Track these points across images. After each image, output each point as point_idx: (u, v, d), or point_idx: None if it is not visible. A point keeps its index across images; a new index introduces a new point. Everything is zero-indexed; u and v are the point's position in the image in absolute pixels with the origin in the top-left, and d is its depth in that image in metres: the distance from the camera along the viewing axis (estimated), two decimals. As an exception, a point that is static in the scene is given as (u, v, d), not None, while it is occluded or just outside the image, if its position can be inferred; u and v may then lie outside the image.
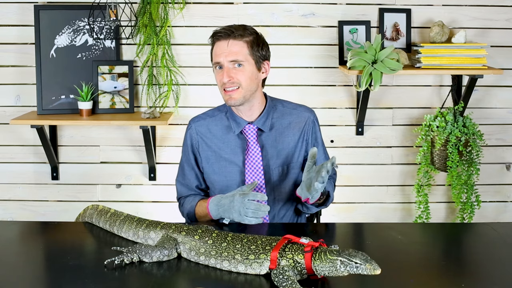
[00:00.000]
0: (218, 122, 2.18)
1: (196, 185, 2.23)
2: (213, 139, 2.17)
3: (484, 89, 3.32)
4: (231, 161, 2.15)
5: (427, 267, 1.72)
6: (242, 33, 2.06)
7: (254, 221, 1.93)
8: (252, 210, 1.92)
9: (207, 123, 2.19)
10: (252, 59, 2.07)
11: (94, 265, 1.70)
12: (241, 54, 2.05)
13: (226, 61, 2.05)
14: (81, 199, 3.34)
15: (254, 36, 2.09)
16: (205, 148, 2.18)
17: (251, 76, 2.07)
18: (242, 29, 2.07)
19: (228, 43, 2.05)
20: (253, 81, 2.08)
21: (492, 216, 3.42)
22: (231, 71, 2.05)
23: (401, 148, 3.36)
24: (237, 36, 2.05)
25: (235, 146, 2.15)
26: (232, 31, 2.05)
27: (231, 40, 2.05)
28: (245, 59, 2.05)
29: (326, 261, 1.55)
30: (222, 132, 2.17)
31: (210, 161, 2.17)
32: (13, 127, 3.28)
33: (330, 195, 2.14)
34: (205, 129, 2.19)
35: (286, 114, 2.19)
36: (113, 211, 1.96)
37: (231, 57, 2.04)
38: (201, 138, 2.19)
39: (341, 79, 3.28)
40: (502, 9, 3.26)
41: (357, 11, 3.24)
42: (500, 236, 1.95)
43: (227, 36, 2.05)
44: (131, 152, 3.33)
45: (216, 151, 2.16)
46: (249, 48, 2.05)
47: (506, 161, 3.39)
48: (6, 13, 3.21)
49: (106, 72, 3.19)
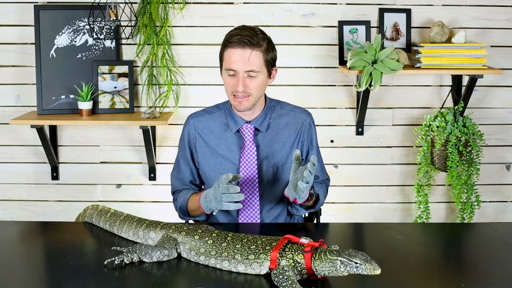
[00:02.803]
0: (216, 119, 2.19)
1: (190, 180, 2.24)
2: (210, 135, 2.18)
3: (484, 89, 3.32)
4: (227, 158, 2.16)
5: (427, 267, 1.72)
6: (259, 41, 2.04)
7: (233, 206, 1.93)
8: (226, 195, 1.91)
9: (205, 120, 2.20)
10: (265, 67, 2.07)
11: (94, 265, 1.70)
12: (258, 65, 2.04)
13: (242, 70, 2.04)
14: (81, 199, 3.34)
15: (267, 42, 2.08)
16: (202, 144, 2.19)
17: (262, 84, 2.09)
18: (258, 37, 2.05)
19: (246, 52, 2.02)
20: (263, 88, 2.11)
21: (492, 216, 3.42)
22: (246, 81, 2.05)
23: (401, 148, 3.36)
24: (256, 45, 2.03)
25: (231, 144, 2.16)
26: (251, 40, 2.02)
27: (249, 50, 2.02)
28: (260, 69, 2.05)
29: (326, 261, 1.55)
30: (220, 130, 2.18)
31: (206, 157, 2.18)
32: (13, 127, 3.28)
33: (319, 198, 2.14)
34: (203, 125, 2.19)
35: (284, 115, 2.20)
36: (113, 211, 1.96)
37: (248, 67, 2.03)
38: (198, 134, 2.19)
39: (341, 79, 3.28)
40: (502, 9, 3.26)
41: (357, 11, 3.24)
42: (500, 236, 1.95)
43: (245, 45, 2.02)
44: (131, 152, 3.33)
45: (213, 148, 2.17)
46: (264, 57, 2.05)
47: (506, 161, 3.39)
48: (6, 13, 3.21)
49: (106, 72, 3.19)
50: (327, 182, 2.29)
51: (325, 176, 2.29)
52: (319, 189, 2.16)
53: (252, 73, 2.03)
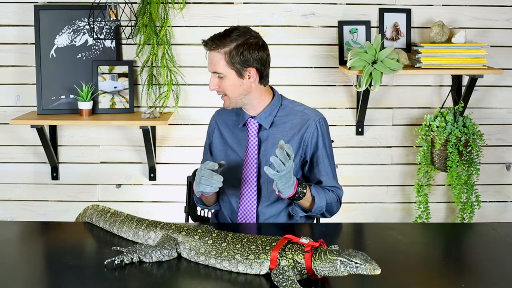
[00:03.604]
0: (234, 114, 2.27)
1: None
2: (226, 128, 2.27)
3: (484, 89, 3.32)
4: (234, 150, 2.22)
5: (427, 267, 1.72)
6: (220, 43, 2.09)
7: (209, 189, 2.02)
8: (205, 178, 2.00)
9: (225, 113, 2.29)
10: (231, 69, 2.10)
11: (94, 265, 1.70)
12: (219, 66, 2.10)
13: (210, 71, 2.14)
14: (81, 199, 3.33)
15: (236, 43, 2.09)
16: (217, 135, 2.29)
17: (233, 85, 2.12)
18: (224, 38, 2.09)
19: (211, 53, 2.11)
20: (238, 88, 2.12)
21: (492, 216, 3.42)
22: (216, 81, 2.13)
23: (401, 148, 3.36)
24: (214, 47, 2.09)
25: (240, 138, 2.23)
26: (215, 41, 2.10)
27: (210, 52, 2.12)
28: (223, 70, 2.10)
29: (326, 261, 1.55)
30: (233, 124, 2.26)
31: (219, 147, 2.28)
32: (13, 127, 3.28)
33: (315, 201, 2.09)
34: (222, 119, 2.30)
35: (292, 114, 2.20)
36: (113, 211, 1.96)
37: (212, 69, 2.13)
38: (217, 126, 2.30)
39: (341, 79, 3.28)
40: (502, 9, 3.26)
41: (357, 11, 3.24)
42: (500, 236, 1.95)
43: (210, 46, 2.11)
44: (131, 152, 3.33)
45: (225, 139, 2.26)
46: (226, 59, 2.09)
47: (506, 161, 3.39)
48: (6, 13, 3.21)
49: (106, 72, 3.19)
50: (338, 191, 2.19)
51: (332, 183, 2.18)
52: (319, 192, 2.10)
53: (218, 74, 2.11)
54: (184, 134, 3.31)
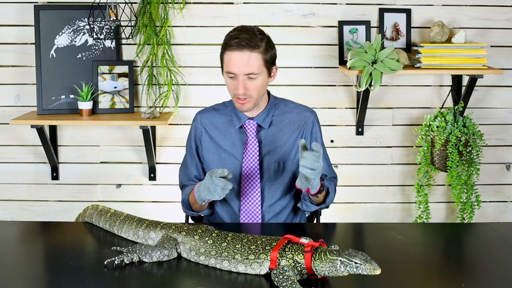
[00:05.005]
0: (222, 116, 2.23)
1: (194, 175, 2.28)
2: (215, 131, 2.23)
3: (484, 89, 3.32)
4: (230, 153, 2.20)
5: (427, 267, 1.72)
6: (257, 42, 2.04)
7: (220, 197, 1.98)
8: (220, 187, 1.95)
9: (211, 116, 2.25)
10: (265, 67, 2.08)
11: (94, 265, 1.70)
12: (257, 67, 2.05)
13: (242, 73, 2.05)
14: (81, 199, 3.34)
15: (265, 41, 2.08)
16: (207, 139, 2.24)
17: (262, 85, 2.10)
18: (257, 38, 2.05)
19: (245, 55, 2.03)
20: (263, 88, 2.12)
21: (492, 216, 3.42)
22: (246, 83, 2.06)
23: (401, 148, 3.36)
24: (254, 47, 2.03)
25: (235, 140, 2.20)
26: (249, 42, 2.03)
27: (248, 52, 2.03)
28: (260, 71, 2.06)
29: (326, 261, 1.55)
30: (224, 126, 2.22)
31: (211, 151, 2.23)
32: (13, 127, 3.28)
33: (329, 192, 2.15)
34: (209, 121, 2.24)
35: (287, 113, 2.22)
36: (113, 211, 1.96)
37: (247, 70, 2.04)
38: (204, 129, 2.24)
39: (341, 79, 3.28)
40: (502, 9, 3.26)
41: (357, 11, 3.24)
42: (500, 236, 1.95)
43: (243, 48, 2.02)
44: (131, 152, 3.33)
45: (217, 142, 2.22)
46: (263, 58, 2.06)
47: (506, 161, 3.39)
48: (6, 13, 3.21)
49: (106, 72, 3.19)
50: (335, 180, 2.28)
51: (332, 174, 2.28)
52: (330, 184, 2.18)
53: (252, 75, 2.05)
54: (184, 134, 3.29)
